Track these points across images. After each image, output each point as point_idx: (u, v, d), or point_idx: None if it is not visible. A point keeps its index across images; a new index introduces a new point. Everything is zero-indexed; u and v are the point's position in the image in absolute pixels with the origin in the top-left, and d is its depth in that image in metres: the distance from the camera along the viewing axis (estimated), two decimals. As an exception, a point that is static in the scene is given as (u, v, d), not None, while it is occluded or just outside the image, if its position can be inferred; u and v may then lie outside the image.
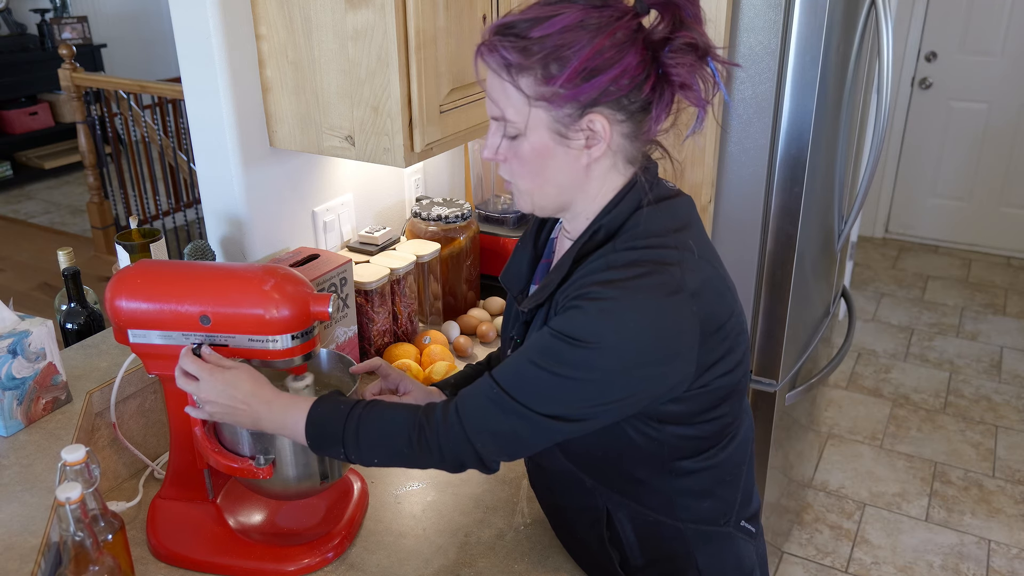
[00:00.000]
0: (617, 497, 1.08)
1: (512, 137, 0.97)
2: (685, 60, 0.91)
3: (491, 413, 0.95)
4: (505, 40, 0.92)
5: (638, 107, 0.94)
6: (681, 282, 0.92)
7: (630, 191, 0.99)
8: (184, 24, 1.44)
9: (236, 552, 1.16)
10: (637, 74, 0.91)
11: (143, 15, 6.44)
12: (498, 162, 1.01)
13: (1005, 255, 4.66)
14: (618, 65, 0.90)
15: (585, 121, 0.93)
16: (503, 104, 0.95)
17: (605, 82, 0.90)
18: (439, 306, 1.83)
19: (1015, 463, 3.02)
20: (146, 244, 1.42)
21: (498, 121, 0.97)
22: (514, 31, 0.92)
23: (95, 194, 4.55)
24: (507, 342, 1.16)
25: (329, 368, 1.25)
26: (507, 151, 0.98)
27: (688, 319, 0.93)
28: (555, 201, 1.01)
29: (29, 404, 1.22)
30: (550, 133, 0.94)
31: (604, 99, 0.92)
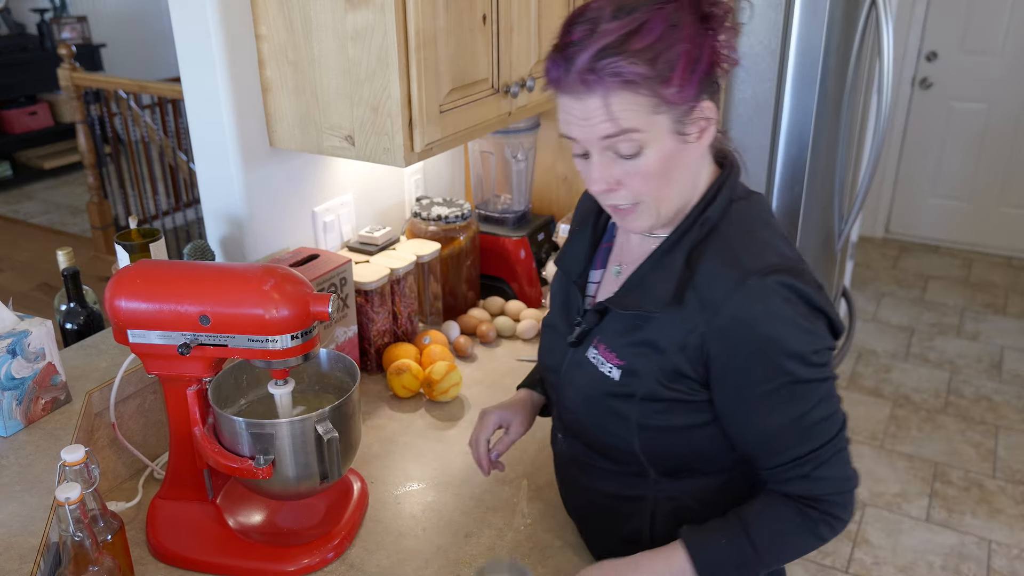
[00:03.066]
0: (672, 490, 1.08)
1: (629, 156, 0.94)
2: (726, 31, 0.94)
3: (844, 459, 1.01)
4: (618, 59, 0.89)
5: (718, 84, 0.97)
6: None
7: (725, 180, 1.02)
8: (184, 24, 1.44)
9: (236, 552, 1.16)
10: (714, 55, 0.93)
11: (143, 15, 6.44)
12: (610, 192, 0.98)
13: (1005, 255, 4.66)
14: (707, 49, 0.92)
15: (698, 111, 0.94)
16: (627, 121, 0.92)
17: (704, 69, 0.92)
18: (439, 306, 1.83)
19: (1016, 463, 3.02)
20: (146, 244, 1.42)
21: (610, 141, 0.93)
22: (620, 49, 0.89)
23: (95, 194, 4.55)
24: (564, 329, 1.13)
25: (329, 368, 1.25)
26: (623, 174, 0.96)
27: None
28: (677, 205, 1.00)
29: (28, 404, 1.22)
30: (672, 136, 0.94)
31: (706, 84, 0.94)
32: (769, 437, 0.98)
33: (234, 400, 1.23)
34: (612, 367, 1.03)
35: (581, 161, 0.99)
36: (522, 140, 1.93)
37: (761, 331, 0.93)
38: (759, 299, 0.93)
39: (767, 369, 0.94)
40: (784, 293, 0.93)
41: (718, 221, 1.00)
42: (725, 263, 0.96)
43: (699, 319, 0.96)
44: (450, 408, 1.56)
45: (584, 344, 1.08)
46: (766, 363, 0.94)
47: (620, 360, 1.03)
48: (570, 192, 2.08)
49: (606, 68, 0.89)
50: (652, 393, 1.00)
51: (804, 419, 0.96)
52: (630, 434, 1.03)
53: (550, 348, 1.17)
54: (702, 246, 0.99)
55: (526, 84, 1.64)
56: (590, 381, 1.06)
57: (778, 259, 0.96)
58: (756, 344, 0.94)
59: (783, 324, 0.93)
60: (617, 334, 1.03)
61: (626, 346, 1.02)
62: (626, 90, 0.90)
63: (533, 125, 1.97)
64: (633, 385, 1.01)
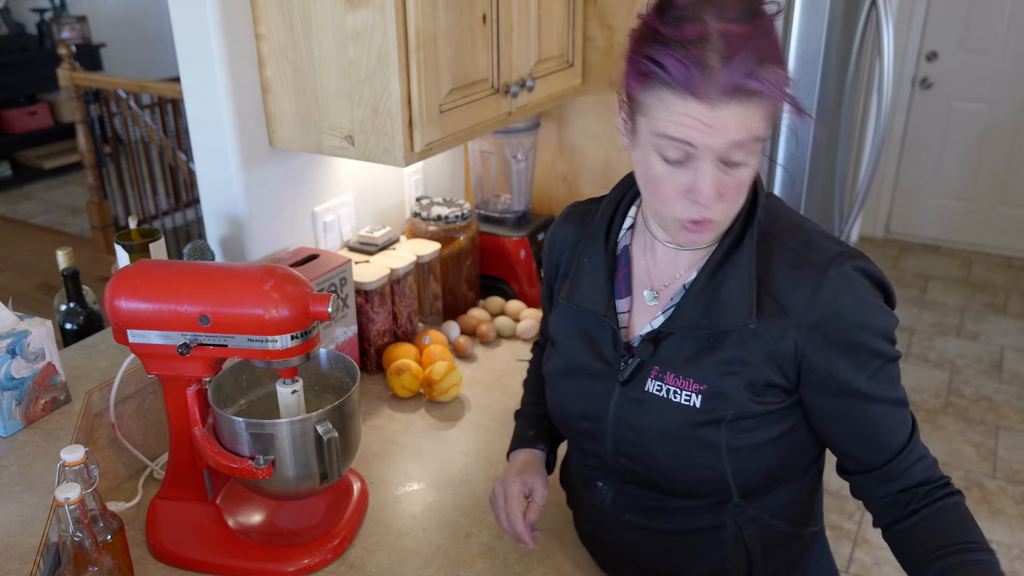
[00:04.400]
0: (753, 512, 1.03)
1: (736, 164, 0.88)
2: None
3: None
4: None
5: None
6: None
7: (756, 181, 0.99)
8: (183, 24, 1.44)
9: (236, 552, 1.16)
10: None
11: (142, 15, 6.43)
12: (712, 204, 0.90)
13: (1006, 255, 4.66)
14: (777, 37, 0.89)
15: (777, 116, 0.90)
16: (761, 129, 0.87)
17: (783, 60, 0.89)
18: (439, 306, 1.82)
19: (1016, 463, 3.02)
20: (145, 244, 1.42)
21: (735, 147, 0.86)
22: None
23: (94, 194, 4.55)
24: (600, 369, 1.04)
25: (329, 368, 1.25)
26: (725, 185, 0.89)
27: None
28: (735, 211, 0.95)
29: (28, 404, 1.22)
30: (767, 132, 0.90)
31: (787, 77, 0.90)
32: (877, 426, 0.96)
33: (234, 400, 1.22)
34: (690, 394, 0.97)
35: (667, 168, 0.89)
36: (522, 140, 1.93)
37: (854, 319, 0.92)
38: (845, 288, 0.92)
39: (866, 355, 0.93)
40: (860, 278, 0.93)
41: (770, 218, 0.98)
42: (795, 262, 0.94)
43: (786, 323, 0.93)
44: (450, 408, 1.56)
45: (637, 379, 1.01)
46: (863, 349, 0.93)
47: (699, 384, 0.97)
48: (570, 192, 2.08)
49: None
50: (742, 411, 0.95)
51: (900, 398, 0.96)
52: (720, 461, 0.97)
53: (585, 395, 1.05)
54: (762, 249, 0.96)
55: (526, 84, 1.64)
56: (662, 416, 0.98)
57: (837, 245, 0.95)
58: (852, 333, 0.92)
59: (870, 307, 0.93)
60: (686, 359, 0.97)
61: (704, 369, 0.96)
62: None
63: (533, 125, 1.97)
64: (720, 407, 0.96)
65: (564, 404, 1.09)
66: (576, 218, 1.14)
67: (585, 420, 1.06)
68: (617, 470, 1.05)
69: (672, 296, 1.02)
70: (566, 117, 2.01)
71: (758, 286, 0.94)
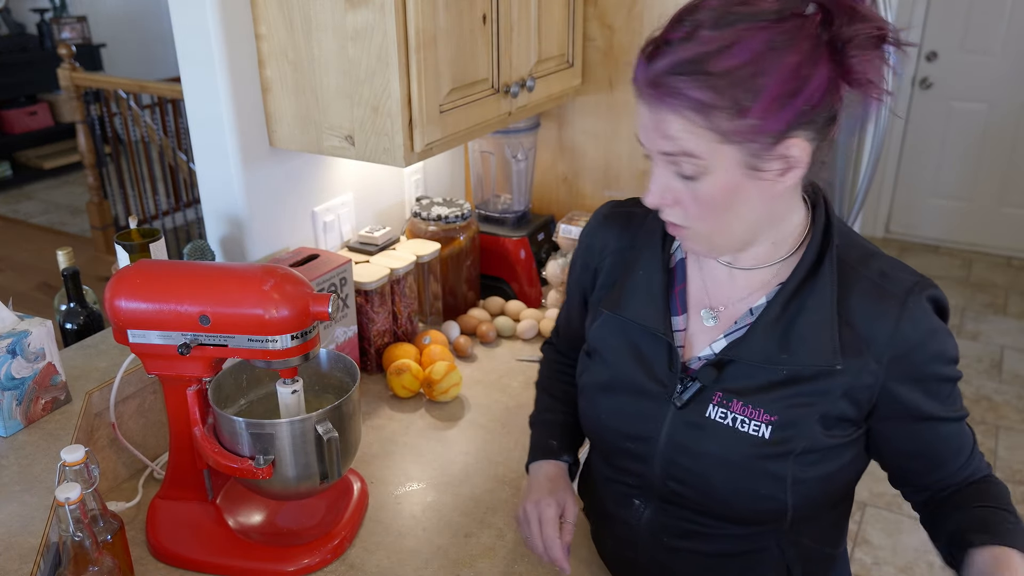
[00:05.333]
0: (796, 535, 1.01)
1: (688, 177, 0.86)
2: (870, 55, 0.82)
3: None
4: (688, 79, 0.81)
5: (826, 119, 0.85)
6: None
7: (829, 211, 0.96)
8: (184, 24, 1.44)
9: (236, 552, 1.16)
10: (829, 86, 0.82)
11: (142, 15, 6.44)
12: (664, 206, 0.91)
13: (1006, 255, 4.66)
14: (813, 81, 0.81)
15: (781, 148, 0.84)
16: (685, 143, 0.84)
17: (801, 103, 0.81)
18: (439, 306, 1.82)
19: (1016, 463, 3.02)
20: (145, 244, 1.42)
21: (670, 158, 0.86)
22: (696, 67, 0.80)
23: (94, 194, 4.55)
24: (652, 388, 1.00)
25: (329, 368, 1.25)
26: (680, 193, 0.88)
27: None
28: (740, 239, 0.92)
29: (28, 404, 1.22)
30: (742, 169, 0.84)
31: (801, 120, 0.82)
32: (945, 444, 0.98)
33: (234, 400, 1.22)
34: (760, 424, 0.93)
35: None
36: (522, 140, 1.93)
37: (933, 349, 0.92)
38: (923, 319, 0.91)
39: (942, 382, 0.94)
40: (931, 307, 0.93)
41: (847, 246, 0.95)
42: (874, 294, 0.91)
43: (867, 358, 0.91)
44: (450, 408, 1.56)
45: (696, 403, 0.96)
46: (940, 378, 0.94)
47: (770, 415, 0.93)
48: (570, 192, 2.08)
49: (670, 86, 0.81)
50: (812, 444, 0.93)
51: (963, 414, 0.98)
52: (784, 493, 0.94)
53: (633, 414, 1.01)
54: (839, 278, 0.93)
55: (526, 84, 1.64)
56: (726, 445, 0.94)
57: (911, 275, 0.94)
58: (931, 364, 0.92)
59: (943, 336, 0.93)
60: (757, 388, 0.94)
61: (776, 400, 0.93)
62: (691, 111, 0.82)
63: (533, 125, 1.97)
64: (791, 441, 0.92)
65: (606, 420, 1.04)
66: (620, 222, 1.09)
67: (631, 440, 1.02)
68: (661, 491, 1.02)
69: (736, 319, 0.97)
70: (566, 117, 2.01)
71: (843, 321, 0.91)
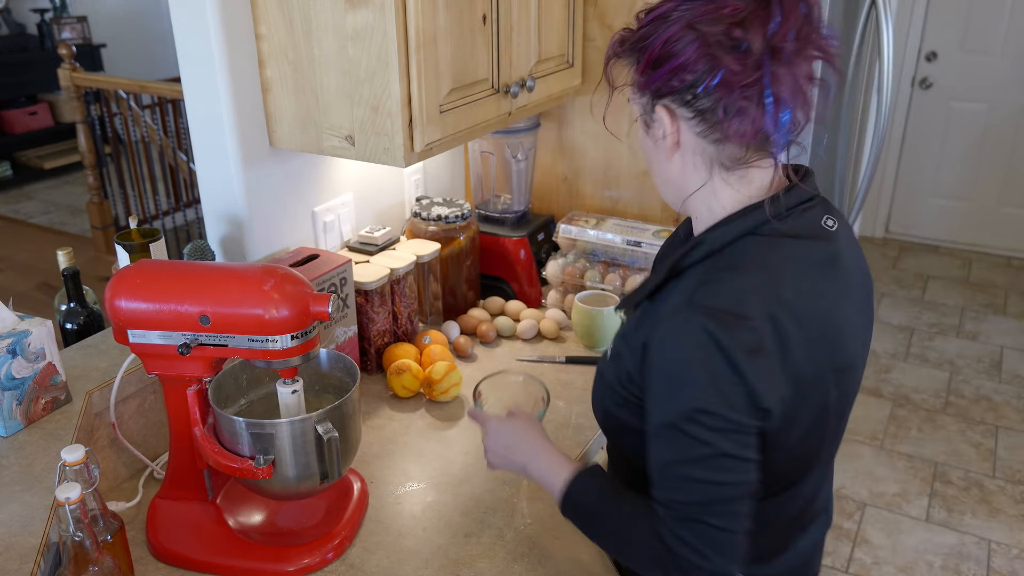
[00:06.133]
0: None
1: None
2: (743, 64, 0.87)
3: (712, 536, 0.91)
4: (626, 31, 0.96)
5: (708, 106, 0.90)
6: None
7: (751, 212, 0.94)
8: (184, 24, 1.44)
9: (236, 552, 1.16)
10: (696, 70, 0.88)
11: (143, 15, 6.44)
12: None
13: (1005, 255, 4.66)
14: (677, 57, 0.89)
15: (657, 112, 0.95)
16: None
17: (664, 73, 0.90)
18: (439, 306, 1.82)
19: (1015, 463, 3.02)
20: (146, 244, 1.42)
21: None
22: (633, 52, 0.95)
23: (95, 194, 4.55)
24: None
25: (329, 368, 1.25)
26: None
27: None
28: (668, 197, 1.03)
29: (28, 404, 1.22)
30: (641, 123, 0.98)
31: (667, 91, 0.92)
32: (653, 464, 0.93)
33: (234, 400, 1.23)
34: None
35: None
36: (522, 140, 1.93)
37: (668, 365, 0.89)
38: (679, 333, 0.88)
39: (664, 401, 0.90)
40: (703, 339, 0.86)
41: (722, 247, 0.94)
42: (687, 289, 0.92)
43: (647, 328, 0.94)
44: (450, 408, 1.56)
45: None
46: (665, 395, 0.90)
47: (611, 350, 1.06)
48: (570, 192, 2.08)
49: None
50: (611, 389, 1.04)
51: (675, 467, 0.89)
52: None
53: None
54: (697, 264, 0.95)
55: (526, 84, 1.64)
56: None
57: (727, 304, 0.87)
58: (664, 376, 0.90)
59: (686, 367, 0.87)
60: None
61: (618, 338, 1.04)
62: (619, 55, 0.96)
63: (533, 125, 1.97)
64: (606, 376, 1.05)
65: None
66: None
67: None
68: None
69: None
70: (566, 117, 2.01)
71: (661, 289, 0.97)
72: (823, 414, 0.96)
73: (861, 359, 1.02)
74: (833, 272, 0.96)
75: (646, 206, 1.97)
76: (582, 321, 1.74)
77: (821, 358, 0.92)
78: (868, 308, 1.04)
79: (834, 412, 0.98)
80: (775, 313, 0.88)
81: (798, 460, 0.99)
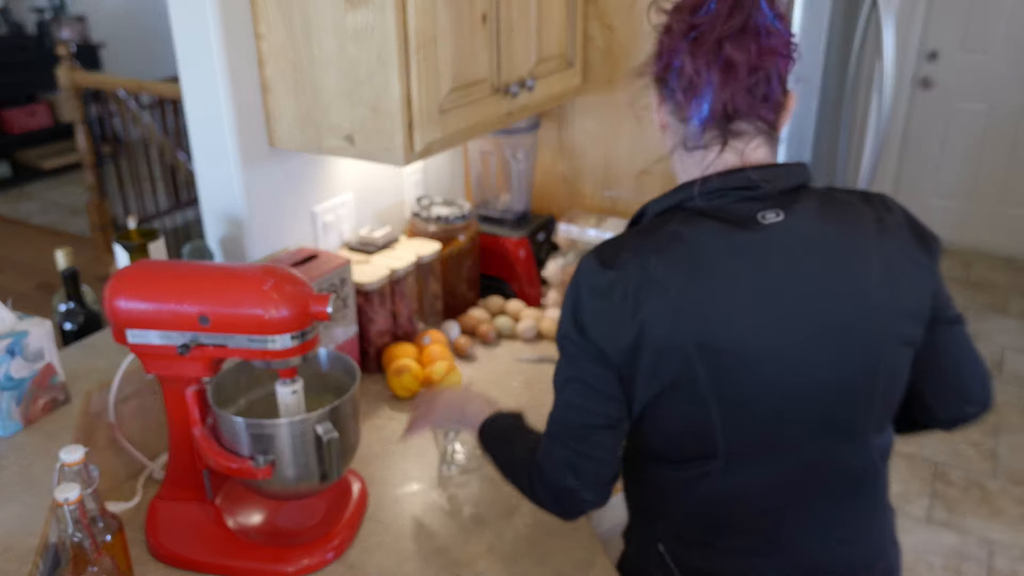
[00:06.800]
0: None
1: None
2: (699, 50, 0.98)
3: (549, 449, 1.08)
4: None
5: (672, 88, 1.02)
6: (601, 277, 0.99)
7: (683, 188, 1.02)
8: (183, 23, 1.44)
9: (235, 553, 1.16)
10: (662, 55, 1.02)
11: (142, 14, 6.43)
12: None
13: (1006, 255, 4.66)
14: (659, 46, 1.03)
15: (653, 97, 1.07)
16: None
17: (653, 61, 1.04)
18: (439, 306, 1.82)
19: (1016, 463, 3.02)
20: (145, 244, 1.42)
21: None
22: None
23: (94, 194, 4.54)
24: None
25: (329, 368, 1.25)
26: None
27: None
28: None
29: (27, 404, 1.22)
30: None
31: (655, 78, 1.05)
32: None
33: (234, 400, 1.22)
34: None
35: None
36: (522, 140, 1.93)
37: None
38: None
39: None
40: (575, 277, 1.01)
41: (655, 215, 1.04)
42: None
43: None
44: (450, 408, 1.56)
45: None
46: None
47: None
48: (570, 192, 2.08)
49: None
50: None
51: (556, 389, 1.04)
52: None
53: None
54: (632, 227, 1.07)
55: (526, 84, 1.64)
56: None
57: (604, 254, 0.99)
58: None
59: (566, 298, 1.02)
60: None
61: None
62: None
63: (533, 125, 1.97)
64: None
65: None
66: None
67: None
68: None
69: None
70: (566, 117, 2.01)
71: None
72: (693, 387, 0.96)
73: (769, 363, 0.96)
74: (746, 262, 0.96)
75: (646, 206, 1.97)
76: (582, 321, 1.73)
77: (685, 330, 0.94)
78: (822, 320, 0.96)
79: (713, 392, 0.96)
80: (639, 274, 0.96)
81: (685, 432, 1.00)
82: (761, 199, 0.99)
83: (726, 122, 0.99)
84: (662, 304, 0.95)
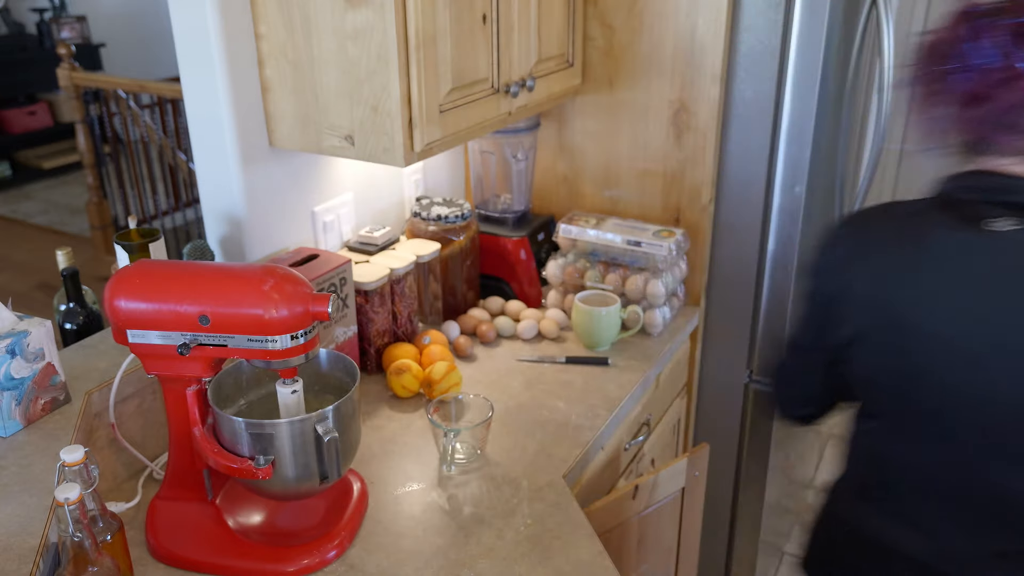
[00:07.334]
0: None
1: None
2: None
3: None
4: None
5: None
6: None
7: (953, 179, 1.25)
8: (183, 23, 1.44)
9: (235, 553, 1.16)
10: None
11: (142, 14, 6.43)
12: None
13: (1005, 255, 4.65)
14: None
15: None
16: None
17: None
18: (439, 306, 1.82)
19: (1015, 463, 3.01)
20: (145, 244, 1.42)
21: None
22: None
23: (94, 194, 4.55)
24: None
25: (329, 368, 1.25)
26: None
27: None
28: None
29: (28, 404, 1.22)
30: None
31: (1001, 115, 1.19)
32: None
33: (234, 400, 1.22)
34: None
35: None
36: (522, 140, 1.93)
37: None
38: None
39: None
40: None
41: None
42: None
43: None
44: (450, 408, 1.56)
45: None
46: None
47: None
48: (570, 192, 2.08)
49: None
50: None
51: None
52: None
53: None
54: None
55: (526, 84, 1.64)
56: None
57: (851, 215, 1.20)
58: None
59: None
60: None
61: None
62: None
63: (533, 125, 1.97)
64: None
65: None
66: None
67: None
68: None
69: None
70: (566, 117, 2.01)
71: None
72: (889, 358, 1.09)
73: (952, 358, 1.04)
74: (957, 254, 1.08)
75: (646, 206, 1.97)
76: (582, 321, 1.74)
77: (880, 299, 1.09)
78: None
79: (907, 375, 1.08)
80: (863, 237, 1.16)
81: (867, 383, 1.15)
82: (992, 205, 1.09)
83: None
84: (867, 269, 1.12)
